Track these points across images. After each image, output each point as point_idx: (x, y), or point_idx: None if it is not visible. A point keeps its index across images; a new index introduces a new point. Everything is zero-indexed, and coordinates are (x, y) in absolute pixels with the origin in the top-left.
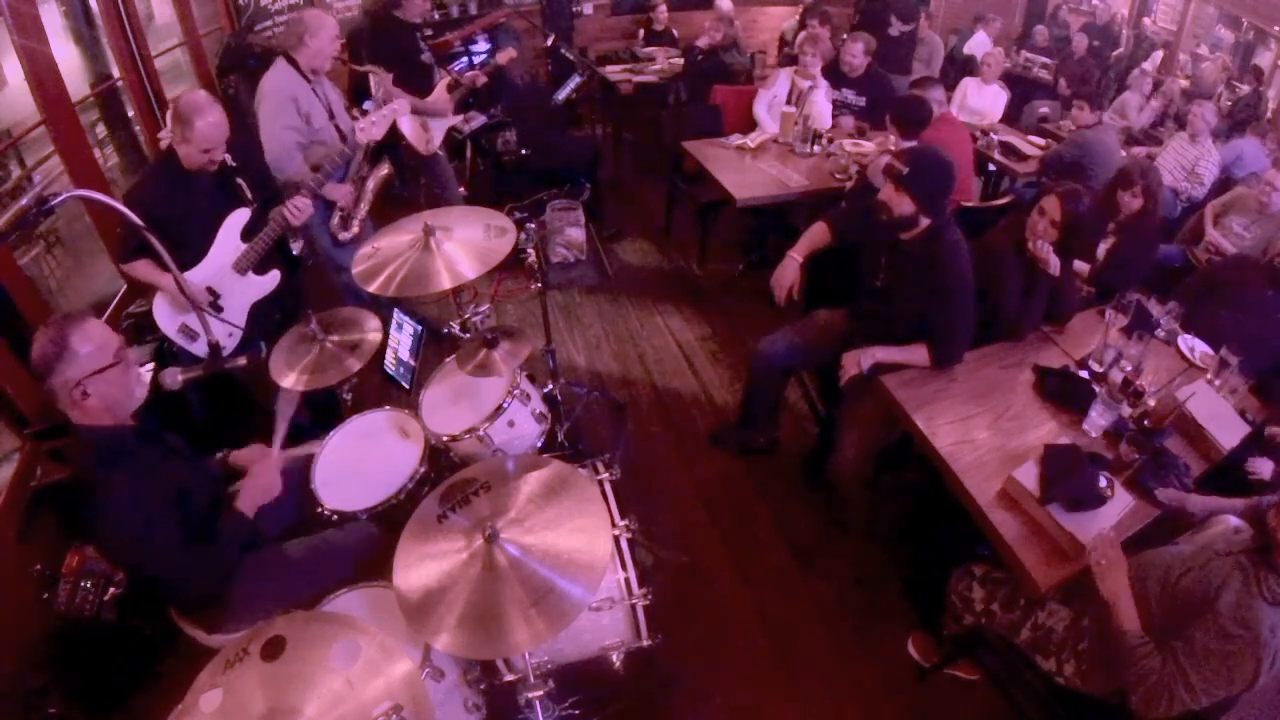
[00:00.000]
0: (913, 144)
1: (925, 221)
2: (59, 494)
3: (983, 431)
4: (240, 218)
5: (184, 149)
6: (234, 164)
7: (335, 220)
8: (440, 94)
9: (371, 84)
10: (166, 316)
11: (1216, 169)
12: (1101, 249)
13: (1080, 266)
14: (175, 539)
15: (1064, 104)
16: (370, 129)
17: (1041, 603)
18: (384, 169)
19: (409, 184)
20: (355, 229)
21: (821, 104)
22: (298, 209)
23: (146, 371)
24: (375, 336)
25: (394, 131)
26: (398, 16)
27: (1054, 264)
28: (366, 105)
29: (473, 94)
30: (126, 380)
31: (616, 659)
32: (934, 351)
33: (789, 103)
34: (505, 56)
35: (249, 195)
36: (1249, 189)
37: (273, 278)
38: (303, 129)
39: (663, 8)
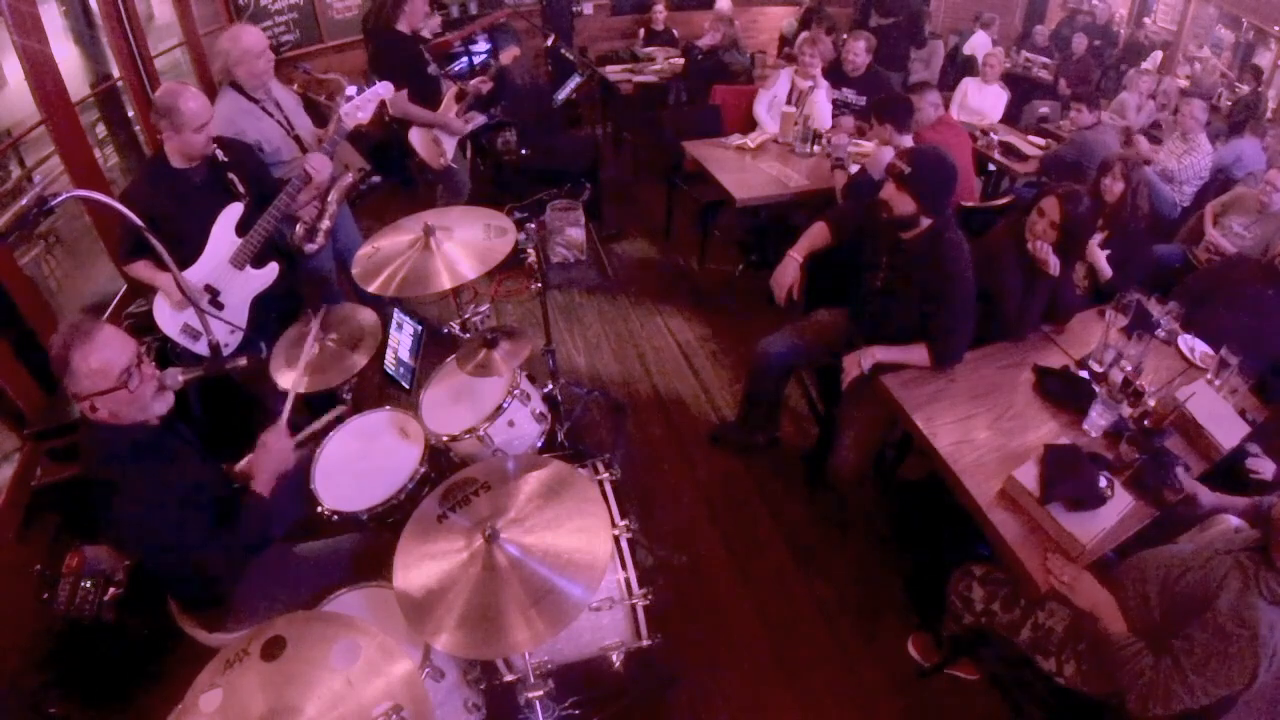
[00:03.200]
0: (907, 138)
1: (926, 221)
2: (59, 494)
3: (983, 431)
4: (234, 212)
5: (175, 141)
6: (224, 159)
7: (299, 232)
8: (449, 105)
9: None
10: (168, 317)
11: (1205, 167)
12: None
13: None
14: (194, 528)
15: (1064, 104)
16: (355, 113)
17: (1041, 603)
18: (346, 179)
19: (422, 194)
20: (320, 240)
21: (822, 104)
22: (316, 166)
23: (174, 375)
24: (375, 336)
25: (405, 145)
26: (400, 30)
27: (1053, 264)
28: (350, 90)
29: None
30: (137, 399)
31: (616, 659)
32: (934, 351)
33: (789, 103)
34: (509, 56)
35: (241, 189)
36: (1249, 189)
37: (271, 270)
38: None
39: (660, 7)
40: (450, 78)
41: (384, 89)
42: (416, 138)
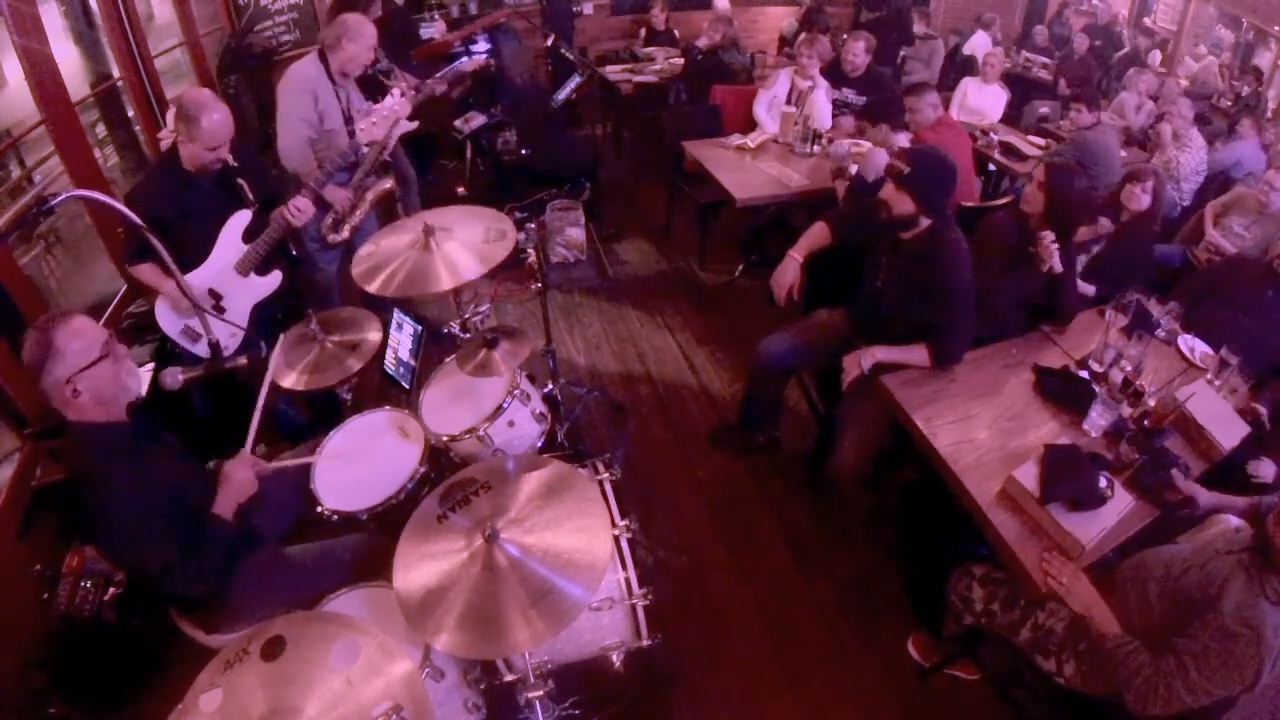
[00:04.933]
0: (902, 137)
1: (926, 221)
2: (59, 494)
3: (983, 431)
4: (242, 219)
5: (188, 148)
6: (234, 164)
7: (328, 221)
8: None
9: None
10: (169, 319)
11: (1202, 162)
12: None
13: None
14: (171, 536)
15: (1064, 104)
16: (371, 129)
17: (1041, 603)
18: (386, 183)
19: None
20: (345, 234)
21: (822, 104)
22: (298, 209)
23: (146, 371)
24: (375, 336)
25: None
26: None
27: (1054, 260)
28: (365, 105)
29: (472, 94)
30: (117, 374)
31: (616, 659)
32: (934, 351)
33: (789, 103)
34: (472, 65)
35: (250, 196)
36: (1249, 189)
37: (274, 278)
38: (315, 124)
39: (657, 9)
40: (403, 75)
41: (400, 107)
42: None
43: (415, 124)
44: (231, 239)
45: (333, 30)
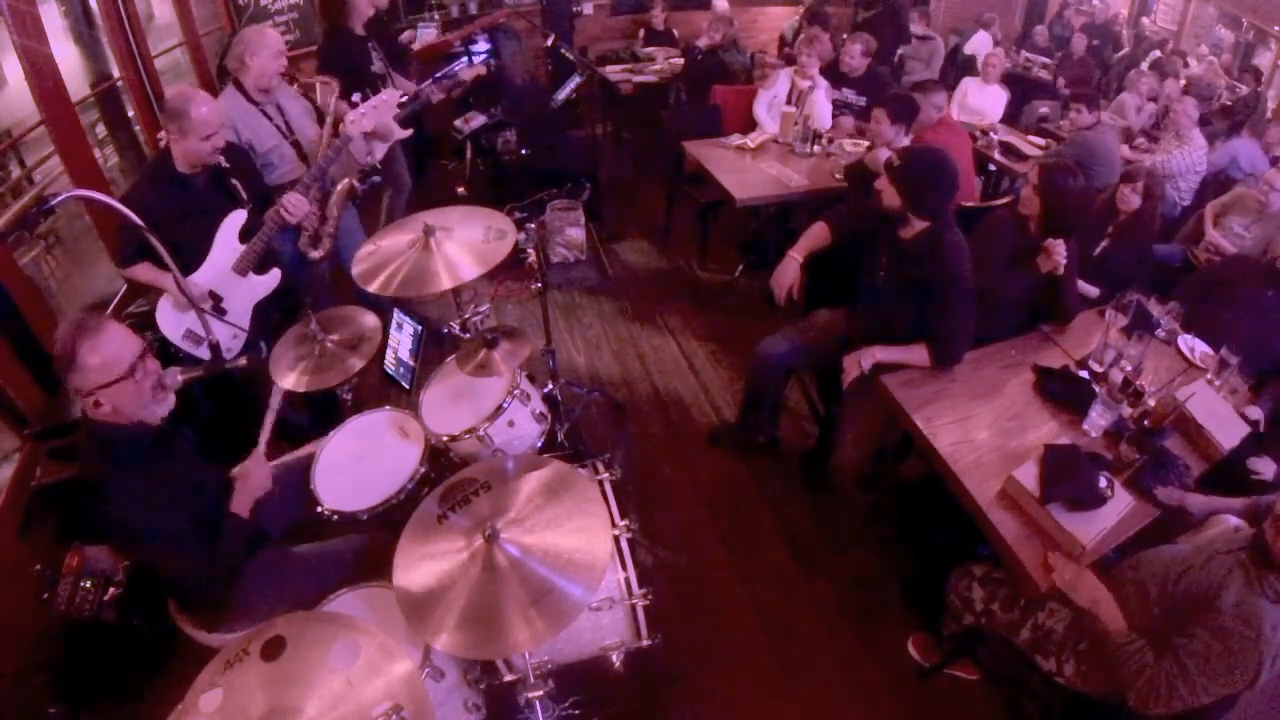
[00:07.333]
0: (899, 132)
1: (918, 220)
2: (59, 494)
3: (983, 431)
4: (237, 219)
5: (182, 146)
6: (226, 165)
7: (303, 240)
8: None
9: (319, 94)
10: (171, 322)
11: (1201, 160)
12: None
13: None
14: (185, 535)
15: (1064, 104)
16: (361, 120)
17: (1041, 603)
18: (344, 184)
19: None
20: (326, 246)
21: (822, 104)
22: (293, 205)
23: (173, 374)
24: (375, 336)
25: None
26: (349, 27)
27: (1059, 261)
28: (355, 97)
29: (472, 94)
30: (139, 394)
31: (616, 659)
32: (934, 351)
33: (789, 103)
34: (471, 73)
35: (244, 195)
36: (1249, 189)
37: (274, 276)
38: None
39: (657, 9)
40: (393, 80)
41: (389, 96)
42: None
43: (409, 132)
44: (228, 239)
45: (234, 55)
